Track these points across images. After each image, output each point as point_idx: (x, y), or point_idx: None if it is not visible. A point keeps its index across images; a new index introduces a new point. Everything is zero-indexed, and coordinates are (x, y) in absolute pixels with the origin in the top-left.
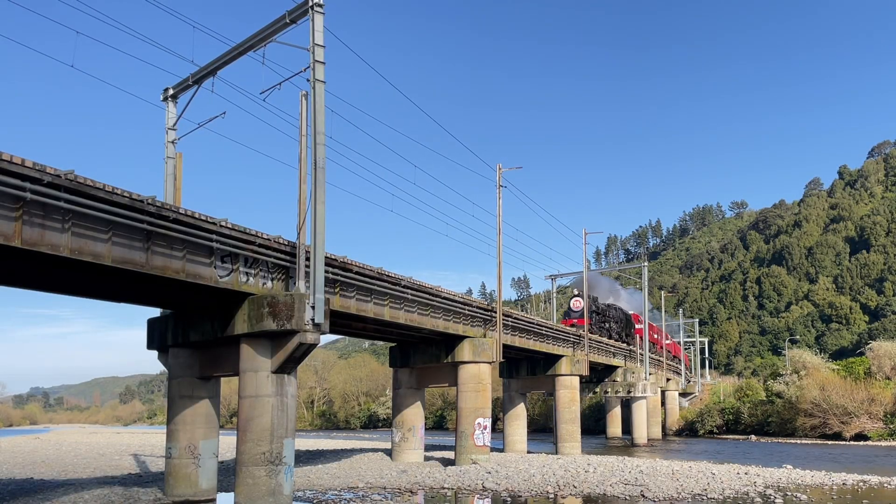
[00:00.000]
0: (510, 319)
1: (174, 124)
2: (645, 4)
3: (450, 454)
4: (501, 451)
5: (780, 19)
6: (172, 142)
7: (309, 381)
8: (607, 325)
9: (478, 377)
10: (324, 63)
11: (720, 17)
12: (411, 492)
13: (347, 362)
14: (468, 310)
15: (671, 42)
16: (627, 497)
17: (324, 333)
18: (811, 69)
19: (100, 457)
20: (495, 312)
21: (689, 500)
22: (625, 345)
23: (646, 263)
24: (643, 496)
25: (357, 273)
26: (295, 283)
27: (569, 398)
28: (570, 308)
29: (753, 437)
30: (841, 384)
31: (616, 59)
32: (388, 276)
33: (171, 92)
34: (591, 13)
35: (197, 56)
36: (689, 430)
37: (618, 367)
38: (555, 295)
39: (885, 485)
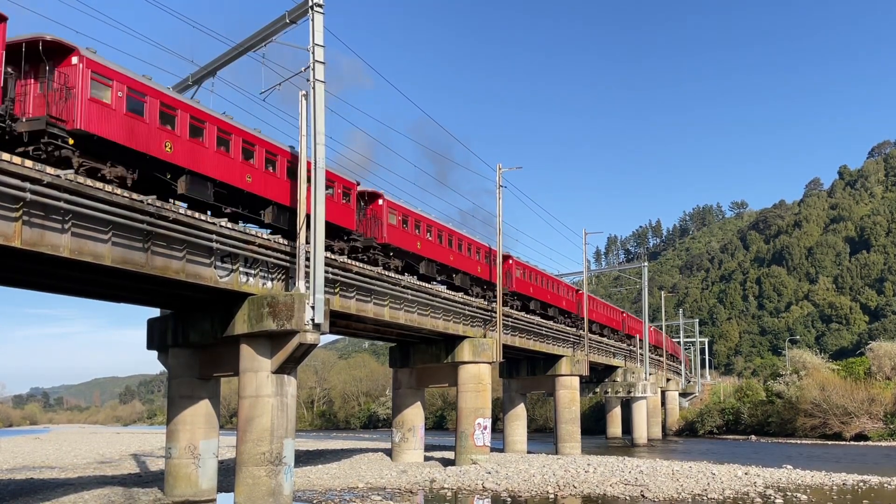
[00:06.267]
0: (510, 319)
1: None
2: (646, 9)
3: (450, 454)
4: (501, 451)
5: (780, 20)
6: None
7: (309, 381)
8: None
9: (478, 377)
10: (324, 63)
11: (720, 19)
12: (411, 492)
13: (347, 362)
14: (468, 310)
15: (671, 44)
16: (627, 497)
17: (324, 333)
18: (811, 69)
19: (100, 457)
20: (495, 312)
21: (690, 500)
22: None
23: (646, 263)
24: (643, 496)
25: (357, 273)
26: (295, 284)
27: (569, 398)
28: None
29: (753, 438)
30: (841, 384)
31: (616, 59)
32: (387, 276)
33: None
34: (593, 17)
35: (197, 56)
36: (689, 430)
37: (618, 367)
38: None
39: (885, 485)
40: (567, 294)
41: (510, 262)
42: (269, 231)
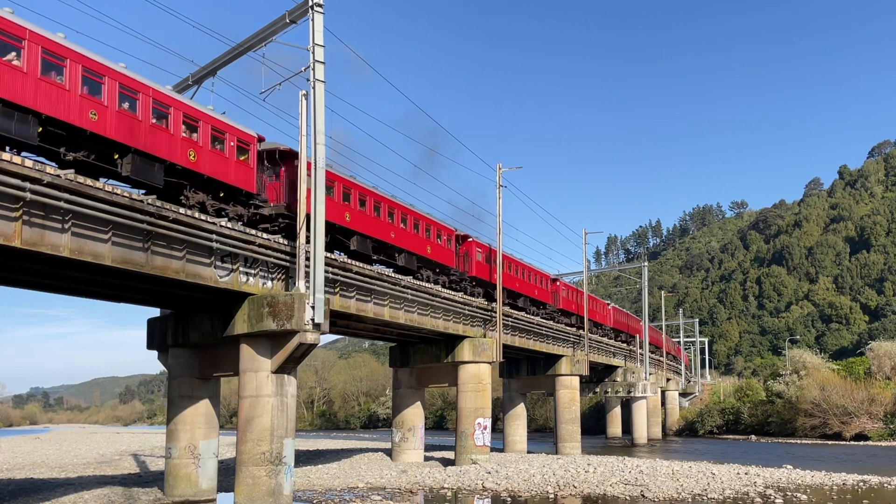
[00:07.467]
0: (510, 319)
1: None
2: (646, 9)
3: (450, 454)
4: (501, 451)
5: (781, 20)
6: None
7: (309, 381)
8: None
9: (478, 377)
10: (324, 63)
11: (720, 19)
12: (411, 492)
13: (347, 362)
14: (468, 310)
15: (672, 45)
16: (627, 497)
17: (324, 333)
18: (811, 69)
19: (100, 457)
20: (495, 312)
21: (690, 500)
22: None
23: (646, 263)
24: (643, 496)
25: (357, 273)
26: (295, 283)
27: (569, 398)
28: None
29: (753, 437)
30: (841, 384)
31: (617, 60)
32: (387, 275)
33: None
34: (593, 17)
35: (196, 55)
36: (689, 430)
37: (618, 367)
38: None
39: (886, 485)
40: (540, 283)
41: (469, 241)
42: None
